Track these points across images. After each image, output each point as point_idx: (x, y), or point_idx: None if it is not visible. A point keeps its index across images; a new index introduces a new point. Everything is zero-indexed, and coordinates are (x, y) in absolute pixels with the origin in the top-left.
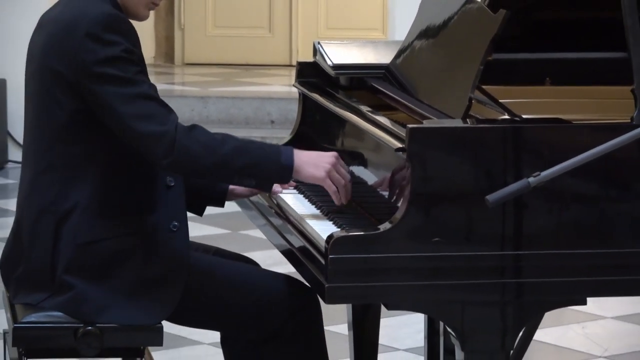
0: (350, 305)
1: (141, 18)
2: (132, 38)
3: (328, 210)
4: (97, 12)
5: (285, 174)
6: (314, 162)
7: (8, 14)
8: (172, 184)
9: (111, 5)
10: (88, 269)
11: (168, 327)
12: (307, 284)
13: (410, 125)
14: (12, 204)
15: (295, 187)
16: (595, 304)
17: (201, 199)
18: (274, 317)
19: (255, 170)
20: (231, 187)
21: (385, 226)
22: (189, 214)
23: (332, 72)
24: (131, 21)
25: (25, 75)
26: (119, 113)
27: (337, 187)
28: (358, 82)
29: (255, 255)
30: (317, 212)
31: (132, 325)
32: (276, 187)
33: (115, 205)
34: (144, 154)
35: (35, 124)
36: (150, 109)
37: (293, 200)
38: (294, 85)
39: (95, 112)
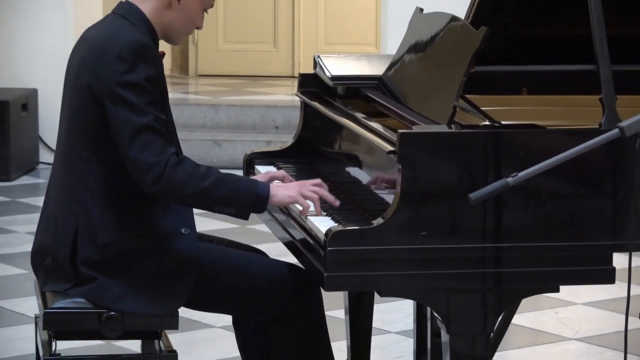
0: (346, 292)
1: (177, 44)
2: (157, 68)
3: (326, 207)
4: (132, 38)
5: (260, 202)
6: (286, 187)
7: (39, 31)
8: None
9: (147, 29)
10: (107, 266)
11: (183, 311)
12: (307, 272)
13: (400, 131)
14: (42, 201)
15: None
16: (567, 291)
17: None
18: (279, 300)
19: (233, 200)
20: None
21: (378, 221)
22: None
23: (330, 83)
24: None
25: (64, 84)
26: (122, 136)
27: (310, 197)
28: (354, 91)
29: (262, 247)
30: None
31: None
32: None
33: (133, 211)
34: (135, 178)
35: (66, 131)
36: (149, 140)
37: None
38: (296, 95)
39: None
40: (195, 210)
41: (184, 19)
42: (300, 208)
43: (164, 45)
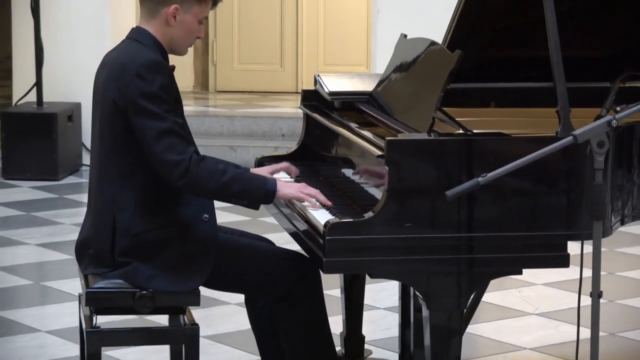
0: (342, 275)
1: (182, 54)
2: (169, 79)
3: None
4: (146, 57)
5: (269, 196)
6: (289, 186)
7: (81, 54)
8: None
9: (157, 48)
10: (140, 251)
11: (203, 290)
12: (309, 257)
13: (388, 138)
14: (85, 197)
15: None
16: (528, 274)
17: None
18: (284, 282)
19: (247, 194)
20: None
21: (368, 215)
22: (221, 203)
23: (328, 97)
24: (176, 57)
25: (92, 101)
26: (147, 141)
27: (311, 198)
28: (348, 105)
29: (270, 237)
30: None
31: (176, 290)
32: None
33: (159, 204)
34: (162, 176)
35: (98, 139)
36: (171, 142)
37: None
38: (299, 108)
39: (134, 133)
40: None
41: (183, 32)
42: (299, 203)
43: (173, 59)
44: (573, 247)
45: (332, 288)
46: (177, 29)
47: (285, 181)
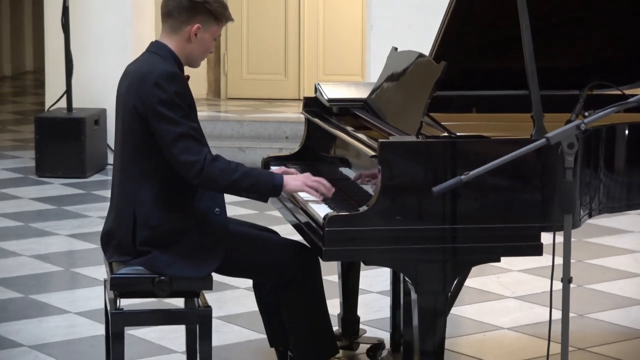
0: (339, 262)
1: (196, 67)
2: (184, 88)
3: (323, 198)
4: (164, 69)
5: (277, 190)
6: (294, 179)
7: (107, 65)
8: None
9: (173, 60)
10: (158, 242)
11: (215, 276)
12: (310, 247)
13: (380, 140)
14: (109, 193)
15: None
16: (506, 261)
17: None
18: (288, 268)
19: (256, 188)
20: None
21: (363, 208)
22: (231, 198)
23: (327, 104)
24: (191, 68)
25: (115, 107)
26: (166, 144)
27: (315, 190)
28: (345, 110)
29: (275, 228)
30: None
31: (191, 276)
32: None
33: (175, 199)
34: (181, 174)
35: (121, 141)
36: (187, 144)
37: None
38: (301, 113)
39: (153, 136)
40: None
41: (200, 48)
42: (303, 196)
43: (188, 70)
44: (546, 238)
45: (331, 274)
46: (196, 45)
47: (292, 175)
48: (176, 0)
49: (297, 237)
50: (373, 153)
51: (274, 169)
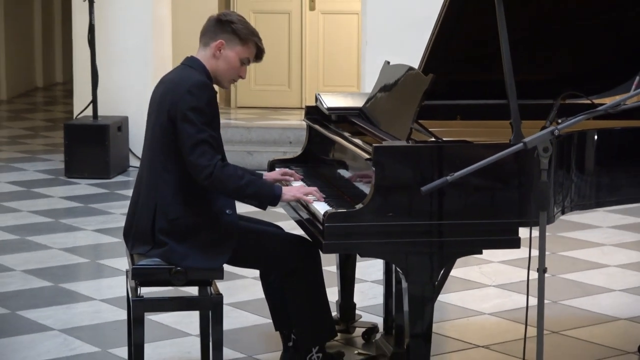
0: (337, 254)
1: (224, 87)
2: (213, 98)
3: (323, 196)
4: (196, 79)
5: (275, 200)
6: (290, 190)
7: (129, 78)
8: None
9: (204, 73)
10: (175, 234)
11: (226, 267)
12: (311, 240)
13: (374, 145)
14: (130, 192)
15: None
16: (487, 253)
17: None
18: (291, 260)
19: (258, 197)
20: None
21: (359, 206)
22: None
23: (326, 112)
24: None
25: (148, 113)
26: (185, 146)
27: (309, 196)
28: (343, 117)
29: (280, 224)
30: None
31: (204, 267)
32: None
33: (193, 196)
34: (193, 175)
35: (150, 140)
36: (204, 150)
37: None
38: (303, 120)
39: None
40: None
41: (226, 66)
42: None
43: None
44: (523, 232)
45: (330, 265)
46: (221, 62)
47: (289, 186)
48: (210, 21)
49: (299, 231)
50: (368, 156)
51: (278, 169)
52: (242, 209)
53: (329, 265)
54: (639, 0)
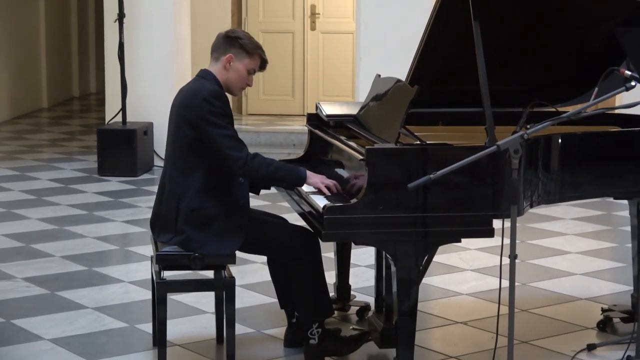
0: (335, 242)
1: (234, 95)
2: (227, 104)
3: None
4: (211, 88)
5: (301, 182)
6: (314, 176)
7: (154, 88)
8: (242, 181)
9: (217, 85)
10: (194, 223)
11: (238, 253)
12: (312, 230)
13: (367, 147)
14: (156, 188)
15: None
16: (465, 242)
17: (254, 189)
18: (294, 247)
19: (286, 179)
20: None
21: (354, 201)
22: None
23: (325, 118)
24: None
25: (169, 119)
26: (218, 144)
27: (328, 188)
28: (339, 123)
29: (285, 216)
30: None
31: (219, 253)
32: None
33: (211, 191)
34: (228, 167)
35: (171, 143)
36: (233, 143)
37: (305, 187)
38: (305, 126)
39: (203, 141)
40: None
41: (235, 76)
42: (307, 189)
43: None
44: (497, 223)
45: (328, 252)
46: (231, 73)
47: (313, 173)
48: (219, 37)
49: (301, 222)
50: (361, 157)
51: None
52: (252, 203)
53: (328, 252)
54: (595, 24)
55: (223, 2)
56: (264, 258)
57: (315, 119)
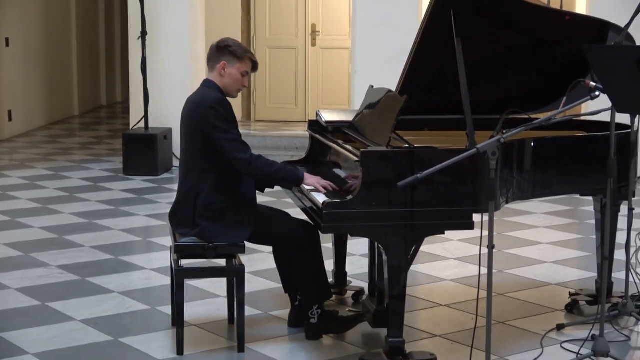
0: (333, 234)
1: (233, 96)
2: (230, 109)
3: (337, 189)
4: (214, 96)
5: (300, 182)
6: (311, 177)
7: (172, 96)
8: (250, 180)
9: (219, 91)
10: (208, 217)
11: (248, 244)
12: (313, 223)
13: (362, 150)
14: (175, 187)
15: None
16: (449, 234)
17: (259, 187)
18: (297, 239)
19: (286, 179)
20: None
21: (350, 197)
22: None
23: (325, 124)
24: (231, 99)
25: (180, 124)
26: (224, 147)
27: (324, 188)
28: (337, 129)
29: (288, 210)
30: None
31: (230, 243)
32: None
33: (223, 188)
34: (235, 167)
35: (184, 149)
36: (238, 145)
37: (305, 186)
38: (307, 131)
39: (211, 144)
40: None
41: (231, 81)
42: (306, 190)
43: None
44: (476, 217)
45: (327, 242)
46: (227, 79)
47: (309, 175)
48: (212, 48)
49: (303, 216)
50: (357, 159)
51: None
52: (259, 199)
53: (327, 242)
54: (564, 42)
55: (234, 21)
56: (270, 248)
57: (315, 125)
